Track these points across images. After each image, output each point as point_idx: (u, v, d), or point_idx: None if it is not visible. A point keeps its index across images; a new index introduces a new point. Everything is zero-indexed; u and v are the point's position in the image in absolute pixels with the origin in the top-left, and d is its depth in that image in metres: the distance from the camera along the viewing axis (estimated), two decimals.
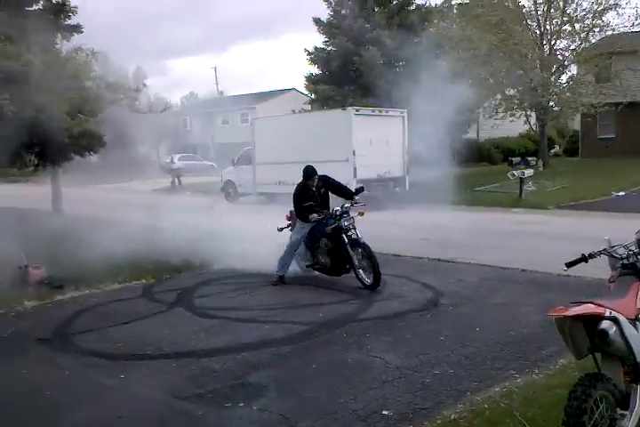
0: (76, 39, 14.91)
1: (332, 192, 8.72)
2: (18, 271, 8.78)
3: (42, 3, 15.46)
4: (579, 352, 3.49)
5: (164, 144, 38.19)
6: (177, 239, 10.77)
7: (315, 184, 8.51)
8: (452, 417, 4.28)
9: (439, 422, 4.24)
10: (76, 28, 15.67)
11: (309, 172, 8.49)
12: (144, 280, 9.10)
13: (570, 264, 3.98)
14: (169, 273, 9.48)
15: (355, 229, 8.19)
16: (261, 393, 4.84)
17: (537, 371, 5.04)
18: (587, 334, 3.38)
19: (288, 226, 9.08)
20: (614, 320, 3.27)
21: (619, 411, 3.40)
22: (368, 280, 8.01)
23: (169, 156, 30.86)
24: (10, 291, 8.14)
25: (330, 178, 8.81)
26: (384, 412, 4.40)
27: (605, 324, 3.25)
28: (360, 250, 8.07)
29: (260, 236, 9.54)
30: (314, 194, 8.51)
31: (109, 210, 15.97)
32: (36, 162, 14.51)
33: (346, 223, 8.12)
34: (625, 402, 3.47)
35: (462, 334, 6.05)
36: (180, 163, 31.40)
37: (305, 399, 4.71)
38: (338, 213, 8.25)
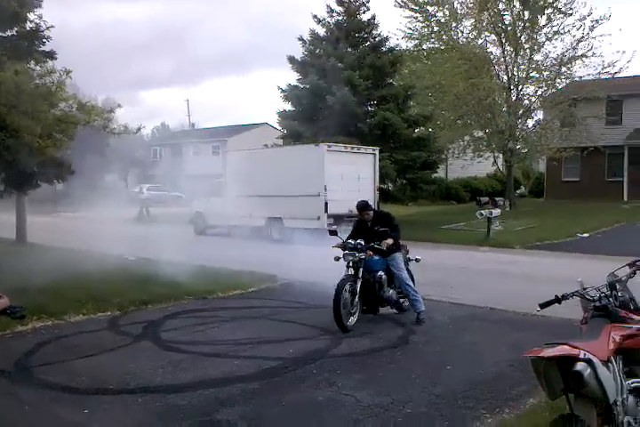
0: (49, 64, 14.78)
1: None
2: None
3: (16, 29, 15.43)
4: (552, 393, 3.52)
5: (132, 174, 37.89)
6: (143, 270, 10.66)
7: (370, 219, 8.32)
8: None
9: None
10: (50, 55, 15.64)
11: (358, 206, 8.39)
12: (109, 312, 8.88)
13: (543, 305, 4.05)
14: (135, 305, 9.29)
15: (358, 267, 7.85)
16: None
17: (508, 411, 5.03)
18: (561, 375, 3.41)
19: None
20: (588, 362, 3.31)
21: None
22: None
23: (137, 186, 30.60)
24: None
25: (388, 217, 8.48)
26: None
27: (580, 365, 3.29)
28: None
29: None
30: (366, 229, 8.25)
31: (75, 240, 15.74)
32: (2, 188, 14.20)
33: (349, 258, 7.88)
34: None
35: (433, 372, 6.04)
36: (149, 193, 31.14)
37: None
38: (349, 245, 7.99)
